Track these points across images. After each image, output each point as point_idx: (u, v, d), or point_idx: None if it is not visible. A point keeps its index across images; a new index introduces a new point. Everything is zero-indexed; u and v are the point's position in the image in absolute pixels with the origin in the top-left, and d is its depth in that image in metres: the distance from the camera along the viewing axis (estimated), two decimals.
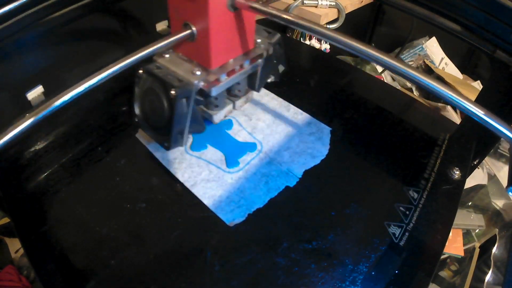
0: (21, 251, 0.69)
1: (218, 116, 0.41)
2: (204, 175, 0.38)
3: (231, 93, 0.42)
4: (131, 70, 0.55)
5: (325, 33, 0.27)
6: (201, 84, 0.33)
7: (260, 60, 0.38)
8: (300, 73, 0.54)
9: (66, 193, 0.37)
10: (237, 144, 0.42)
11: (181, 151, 0.41)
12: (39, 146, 0.41)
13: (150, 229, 0.34)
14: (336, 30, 0.77)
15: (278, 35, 0.39)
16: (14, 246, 0.70)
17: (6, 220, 0.71)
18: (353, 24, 1.02)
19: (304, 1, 0.70)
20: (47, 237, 0.33)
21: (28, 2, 0.43)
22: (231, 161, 0.40)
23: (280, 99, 0.48)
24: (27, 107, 0.55)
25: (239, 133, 0.43)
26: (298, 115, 0.46)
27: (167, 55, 0.35)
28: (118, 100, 0.47)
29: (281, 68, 0.43)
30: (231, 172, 0.39)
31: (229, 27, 0.33)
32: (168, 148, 0.35)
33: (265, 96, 0.48)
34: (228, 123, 0.44)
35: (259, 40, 0.38)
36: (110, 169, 0.39)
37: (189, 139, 0.42)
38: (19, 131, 0.26)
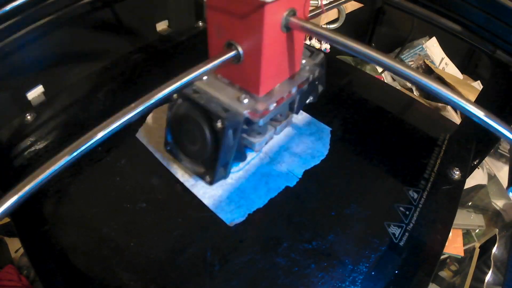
0: (21, 250, 0.69)
1: (260, 144, 0.37)
2: None
3: (272, 118, 0.38)
4: (132, 65, 0.55)
5: (375, 58, 0.25)
6: (249, 114, 0.30)
7: (306, 85, 0.35)
8: None
9: (66, 193, 0.37)
10: None
11: None
12: (40, 145, 0.41)
13: (150, 229, 0.34)
14: (336, 30, 0.77)
15: (321, 55, 0.36)
16: (14, 246, 0.70)
17: (6, 219, 0.71)
18: (353, 24, 1.01)
19: None
20: (47, 236, 0.33)
21: (28, 2, 0.43)
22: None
23: None
24: (27, 107, 0.55)
25: None
26: (298, 115, 0.46)
27: (205, 77, 0.32)
28: (118, 100, 0.47)
29: (320, 88, 0.40)
30: (231, 172, 0.39)
31: (280, 49, 0.30)
32: (211, 183, 0.32)
33: None
34: None
35: (304, 61, 0.35)
36: (110, 169, 0.39)
37: None
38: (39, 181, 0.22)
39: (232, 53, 0.29)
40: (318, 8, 0.42)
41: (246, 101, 0.30)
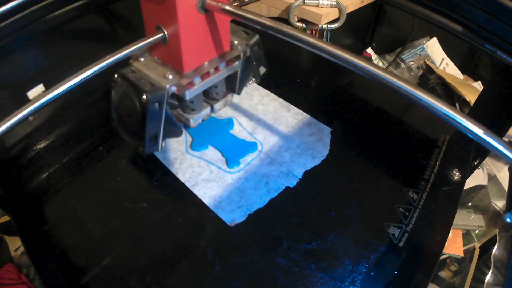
0: (21, 249, 0.69)
1: (196, 120, 0.40)
2: (205, 175, 0.39)
3: (209, 96, 0.41)
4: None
5: (299, 38, 0.26)
6: (173, 88, 0.33)
7: (237, 63, 0.37)
8: (300, 73, 0.54)
9: (67, 192, 0.37)
10: (239, 142, 0.42)
11: (182, 151, 0.41)
12: (40, 145, 0.42)
13: (150, 228, 0.34)
14: (337, 30, 0.77)
15: (256, 37, 0.38)
16: (14, 244, 0.70)
17: (6, 218, 0.71)
18: (354, 24, 1.01)
19: (305, 1, 0.70)
20: (48, 235, 0.33)
21: (28, 1, 0.43)
22: (232, 161, 0.40)
23: (281, 100, 0.48)
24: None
25: (240, 134, 0.43)
26: (299, 115, 0.46)
27: (142, 59, 0.35)
28: None
29: (262, 70, 0.42)
30: (231, 172, 0.39)
31: (200, 30, 0.33)
32: (143, 152, 0.35)
33: (265, 96, 0.48)
34: (229, 123, 0.44)
35: (236, 42, 0.37)
36: (111, 168, 0.39)
37: (189, 139, 0.43)
38: (15, 122, 0.26)
39: (159, 35, 0.32)
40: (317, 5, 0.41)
41: (170, 77, 0.33)
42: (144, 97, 0.31)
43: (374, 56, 1.13)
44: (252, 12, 0.28)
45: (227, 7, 0.29)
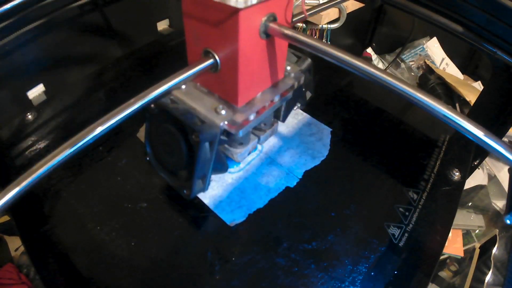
0: (21, 249, 0.69)
1: (243, 155, 0.36)
2: None
3: (256, 127, 0.37)
4: (134, 65, 0.55)
5: (359, 67, 0.23)
6: (227, 126, 0.28)
7: (290, 93, 0.33)
8: None
9: (67, 192, 0.37)
10: None
11: None
12: (40, 145, 0.42)
13: (150, 228, 0.34)
14: (337, 30, 0.77)
15: (308, 61, 0.35)
16: (14, 244, 0.70)
17: (6, 218, 0.71)
18: (354, 24, 1.01)
19: (306, 1, 0.70)
20: (48, 235, 0.33)
21: (28, 0, 0.43)
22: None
23: None
24: (28, 106, 0.55)
25: None
26: (299, 115, 0.46)
27: (183, 86, 0.30)
28: (119, 100, 0.47)
29: (308, 94, 0.38)
30: (231, 172, 0.39)
31: (259, 57, 0.28)
32: (188, 197, 0.30)
33: None
34: None
35: (288, 68, 0.33)
36: (111, 168, 0.39)
37: None
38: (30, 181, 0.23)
39: (209, 61, 0.27)
40: (317, 6, 0.41)
41: (223, 112, 0.28)
42: (194, 137, 0.27)
43: (374, 56, 1.13)
44: (316, 39, 0.25)
45: (290, 32, 0.25)
